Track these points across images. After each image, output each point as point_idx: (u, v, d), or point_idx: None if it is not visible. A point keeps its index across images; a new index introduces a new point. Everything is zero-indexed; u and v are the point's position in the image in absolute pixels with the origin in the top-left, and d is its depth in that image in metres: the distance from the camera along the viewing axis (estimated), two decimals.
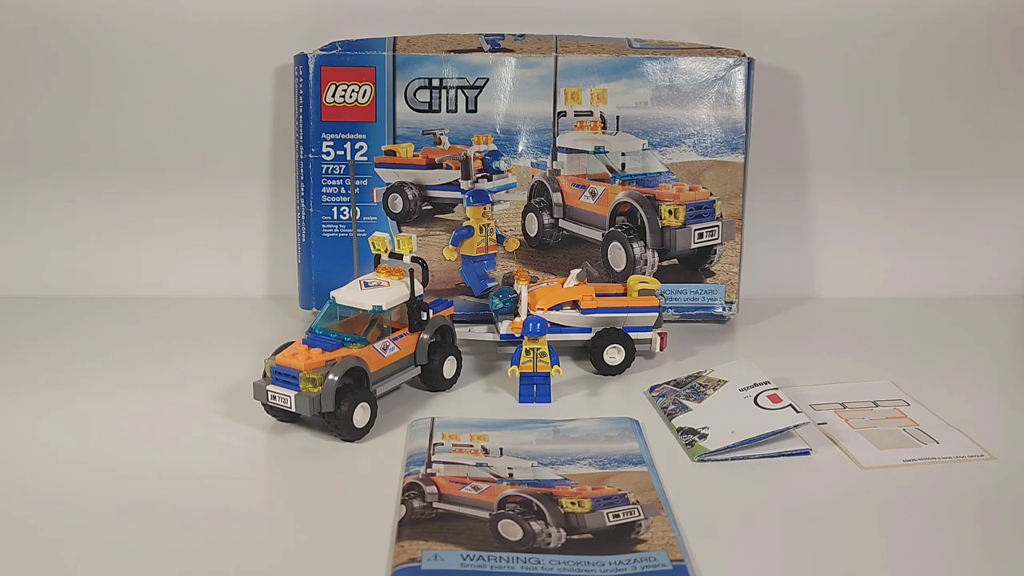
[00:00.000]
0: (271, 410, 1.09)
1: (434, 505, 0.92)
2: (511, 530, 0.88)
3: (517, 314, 1.22)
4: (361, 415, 1.06)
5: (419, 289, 1.16)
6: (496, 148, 1.36)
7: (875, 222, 1.52)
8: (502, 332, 1.23)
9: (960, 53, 1.46)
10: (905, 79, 1.47)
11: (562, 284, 1.26)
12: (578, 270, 1.26)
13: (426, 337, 1.16)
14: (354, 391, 1.06)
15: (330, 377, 1.04)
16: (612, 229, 1.35)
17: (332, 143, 1.34)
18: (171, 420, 1.10)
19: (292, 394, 1.04)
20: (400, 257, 1.18)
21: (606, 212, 1.35)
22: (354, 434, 1.06)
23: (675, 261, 1.38)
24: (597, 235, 1.37)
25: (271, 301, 1.49)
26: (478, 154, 1.35)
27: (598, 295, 1.25)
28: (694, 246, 1.34)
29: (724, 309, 1.39)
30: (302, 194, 1.36)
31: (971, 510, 0.94)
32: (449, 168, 1.35)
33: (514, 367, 1.15)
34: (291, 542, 0.88)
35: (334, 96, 1.33)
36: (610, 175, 1.36)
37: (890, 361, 1.29)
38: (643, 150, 1.35)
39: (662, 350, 1.27)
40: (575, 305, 1.24)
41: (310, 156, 1.35)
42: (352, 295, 1.13)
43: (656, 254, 1.35)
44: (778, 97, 1.45)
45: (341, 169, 1.35)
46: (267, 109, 1.44)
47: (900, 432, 1.09)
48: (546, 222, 1.37)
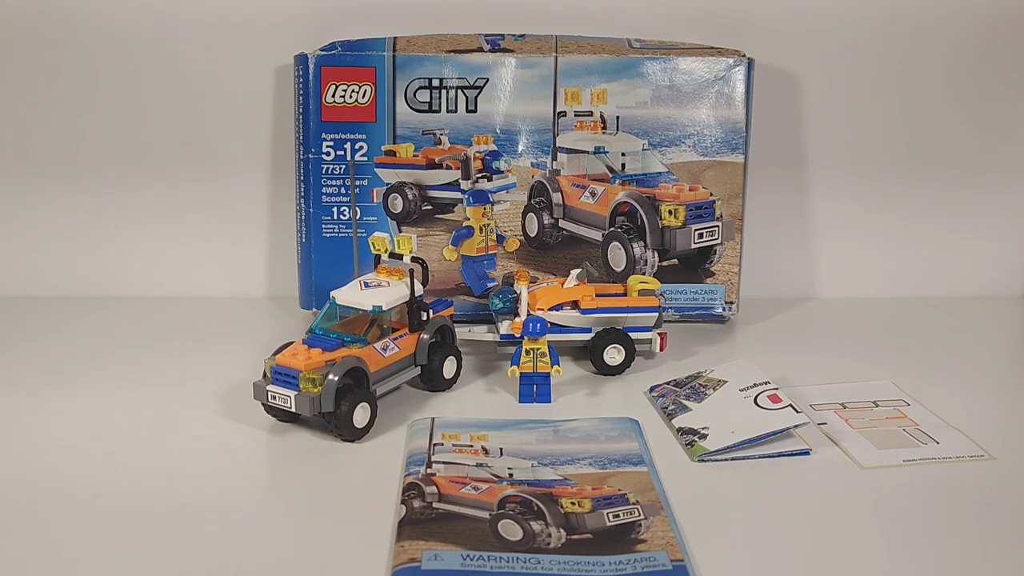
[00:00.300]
0: (271, 410, 1.09)
1: (434, 505, 0.92)
2: (511, 530, 0.88)
3: (517, 314, 1.22)
4: (361, 415, 1.06)
5: (419, 289, 1.16)
6: (496, 148, 1.36)
7: (875, 222, 1.52)
8: (502, 332, 1.23)
9: (961, 52, 1.46)
10: (905, 79, 1.47)
11: (562, 284, 1.26)
12: (578, 270, 1.26)
13: (426, 337, 1.16)
14: (354, 391, 1.06)
15: (330, 377, 1.04)
16: (612, 229, 1.35)
17: (332, 143, 1.34)
18: (171, 420, 1.10)
19: (292, 394, 1.04)
20: (400, 257, 1.18)
21: (606, 212, 1.35)
22: (354, 434, 1.06)
23: (675, 261, 1.38)
24: (597, 235, 1.37)
25: (271, 301, 1.49)
26: (478, 154, 1.35)
27: (598, 295, 1.25)
28: (694, 246, 1.34)
29: (724, 309, 1.39)
30: (302, 194, 1.36)
31: (971, 510, 0.94)
32: (449, 168, 1.35)
33: (514, 367, 1.15)
34: (291, 542, 0.88)
35: (334, 96, 1.33)
36: (610, 175, 1.36)
37: (890, 361, 1.29)
38: (643, 150, 1.35)
39: (662, 350, 1.27)
40: (575, 305, 1.24)
41: (310, 156, 1.35)
42: (352, 295, 1.13)
43: (656, 254, 1.35)
44: (778, 97, 1.45)
45: (341, 169, 1.35)
46: (267, 109, 1.44)
47: (900, 432, 1.09)
48: (546, 222, 1.38)
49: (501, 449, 1.03)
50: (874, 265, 1.54)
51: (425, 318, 1.16)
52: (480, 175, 1.36)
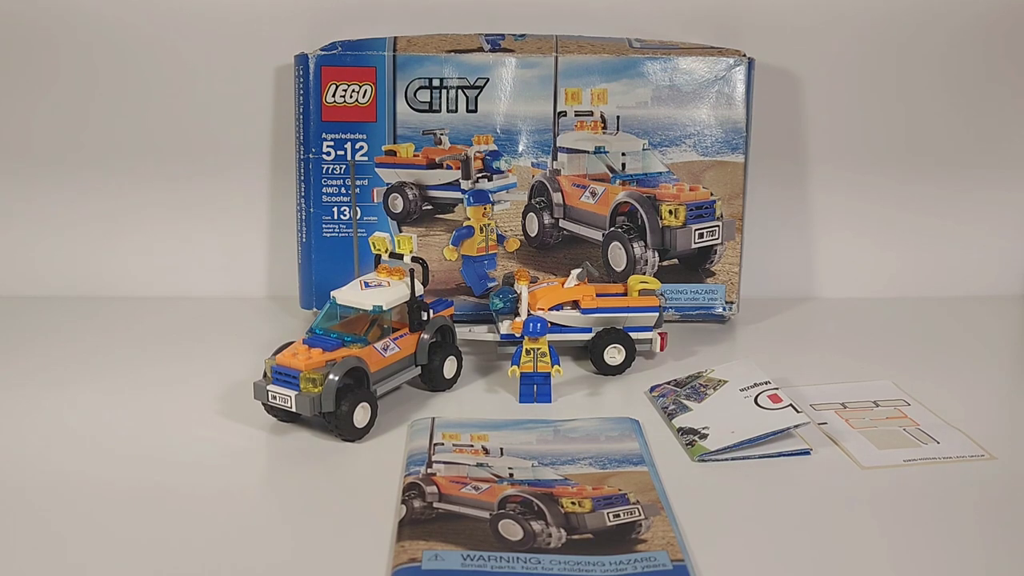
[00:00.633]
0: (271, 410, 1.09)
1: (434, 505, 0.92)
2: (511, 530, 0.88)
3: (517, 314, 1.22)
4: (361, 415, 1.06)
5: (419, 289, 1.16)
6: (496, 148, 1.36)
7: (876, 221, 1.52)
8: (502, 332, 1.23)
9: (962, 50, 1.46)
10: (907, 80, 1.47)
11: (562, 284, 1.26)
12: (578, 270, 1.26)
13: (426, 337, 1.16)
14: (354, 391, 1.06)
15: (330, 377, 1.04)
16: (612, 229, 1.35)
17: (332, 143, 1.34)
18: (171, 420, 1.10)
19: (292, 394, 1.04)
20: (400, 257, 1.18)
21: (606, 212, 1.35)
22: (354, 434, 1.06)
23: (675, 261, 1.38)
24: (597, 235, 1.37)
25: (271, 301, 1.49)
26: (478, 154, 1.35)
27: (598, 295, 1.25)
28: (694, 246, 1.34)
29: (724, 309, 1.39)
30: (302, 194, 1.36)
31: (971, 510, 0.94)
32: (449, 168, 1.35)
33: (514, 367, 1.15)
34: (291, 542, 0.88)
35: (334, 96, 1.33)
36: (610, 175, 1.36)
37: (890, 361, 1.29)
38: (643, 150, 1.35)
39: (662, 350, 1.27)
40: (575, 305, 1.24)
41: (310, 156, 1.35)
42: (352, 295, 1.13)
43: (656, 254, 1.35)
44: (778, 97, 1.45)
45: (341, 169, 1.35)
46: (267, 109, 1.44)
47: (900, 432, 1.09)
48: (546, 222, 1.37)
49: (501, 449, 1.03)
50: (874, 265, 1.54)
51: (425, 318, 1.16)
52: (480, 175, 1.36)
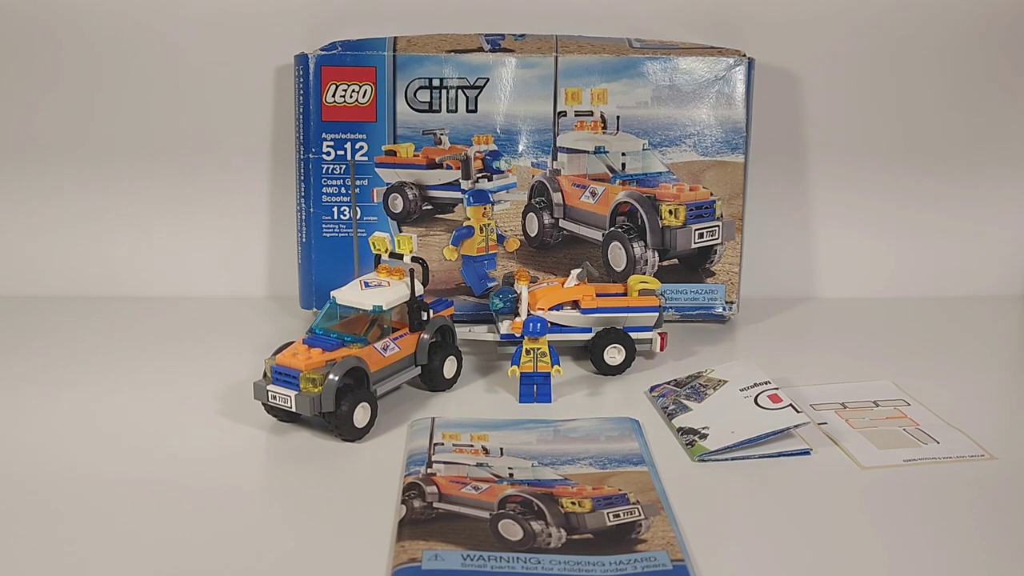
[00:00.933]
0: (271, 410, 1.09)
1: (434, 505, 0.92)
2: (511, 530, 0.88)
3: (517, 314, 1.22)
4: (361, 415, 1.06)
5: (419, 289, 1.16)
6: (496, 148, 1.36)
7: (876, 221, 1.52)
8: (502, 332, 1.23)
9: (962, 50, 1.46)
10: (907, 80, 1.47)
11: (562, 284, 1.26)
12: (578, 270, 1.26)
13: (426, 337, 1.16)
14: (354, 391, 1.06)
15: (330, 377, 1.04)
16: (612, 229, 1.35)
17: (332, 143, 1.34)
18: (171, 420, 1.10)
19: (292, 394, 1.04)
20: (400, 257, 1.18)
21: (606, 212, 1.35)
22: (354, 434, 1.06)
23: (675, 261, 1.38)
24: (597, 235, 1.37)
25: (271, 301, 1.49)
26: (478, 154, 1.35)
27: (598, 295, 1.25)
28: (694, 246, 1.34)
29: (724, 309, 1.39)
30: (302, 194, 1.36)
31: (971, 510, 0.94)
32: (449, 168, 1.35)
33: (514, 367, 1.15)
34: (291, 542, 0.88)
35: (334, 96, 1.33)
36: (610, 175, 1.36)
37: (890, 361, 1.29)
38: (643, 150, 1.35)
39: (662, 350, 1.27)
40: (575, 305, 1.24)
41: (310, 156, 1.35)
42: (352, 295, 1.13)
43: (656, 254, 1.35)
44: (778, 97, 1.45)
45: (341, 169, 1.35)
46: (267, 109, 1.44)
47: (900, 432, 1.09)
48: (546, 222, 1.37)
49: (501, 449, 1.03)
50: (874, 265, 1.54)
51: (425, 318, 1.16)
52: (480, 175, 1.36)
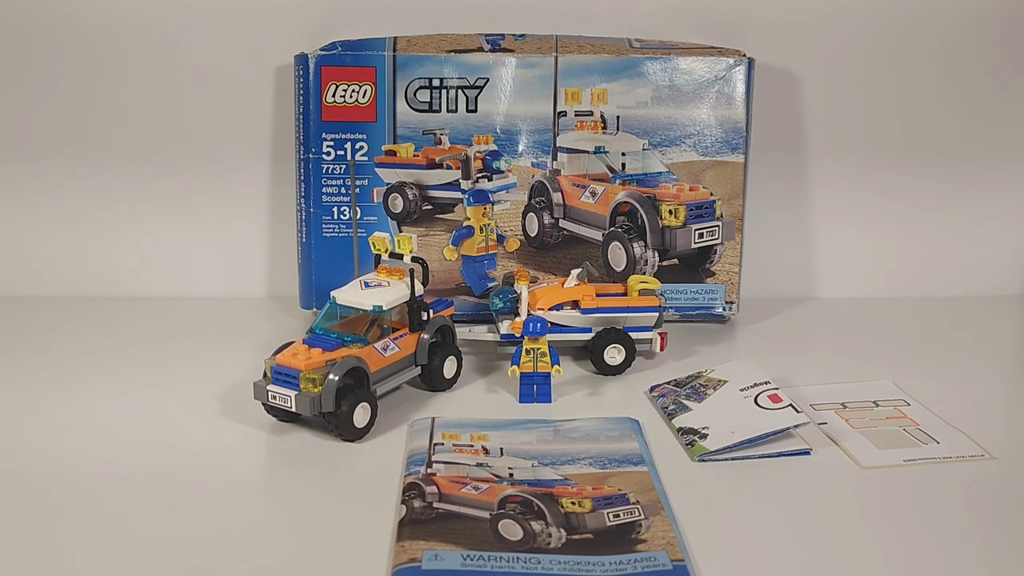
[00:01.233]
0: (271, 410, 1.09)
1: (434, 505, 0.92)
2: (511, 530, 0.88)
3: (517, 314, 1.22)
4: (361, 415, 1.06)
5: (419, 289, 1.16)
6: (496, 148, 1.36)
7: (875, 222, 1.52)
8: (502, 332, 1.23)
9: (964, 50, 1.46)
10: (908, 81, 1.47)
11: (562, 284, 1.26)
12: (578, 270, 1.26)
13: (426, 337, 1.16)
14: (354, 391, 1.06)
15: (330, 377, 1.04)
16: (612, 229, 1.35)
17: (332, 143, 1.34)
18: (171, 420, 1.10)
19: (292, 394, 1.04)
20: (400, 257, 1.18)
21: (606, 212, 1.35)
22: (354, 434, 1.06)
23: (675, 261, 1.38)
24: (597, 235, 1.37)
25: (271, 301, 1.49)
26: (478, 154, 1.35)
27: (598, 295, 1.25)
28: (694, 246, 1.34)
29: (724, 309, 1.39)
30: (302, 194, 1.36)
31: (971, 510, 0.94)
32: (449, 168, 1.35)
33: (514, 367, 1.15)
34: (291, 542, 0.88)
35: (334, 96, 1.33)
36: (610, 175, 1.36)
37: (890, 361, 1.29)
38: (643, 150, 1.35)
39: (662, 350, 1.27)
40: (575, 305, 1.24)
41: (310, 156, 1.35)
42: (352, 295, 1.13)
43: (656, 254, 1.35)
44: (778, 97, 1.45)
45: (341, 169, 1.35)
46: (267, 109, 1.44)
47: (900, 432, 1.09)
48: (546, 222, 1.37)
49: (501, 449, 1.03)
50: (874, 265, 1.54)
51: (425, 318, 1.16)
52: (480, 175, 1.36)
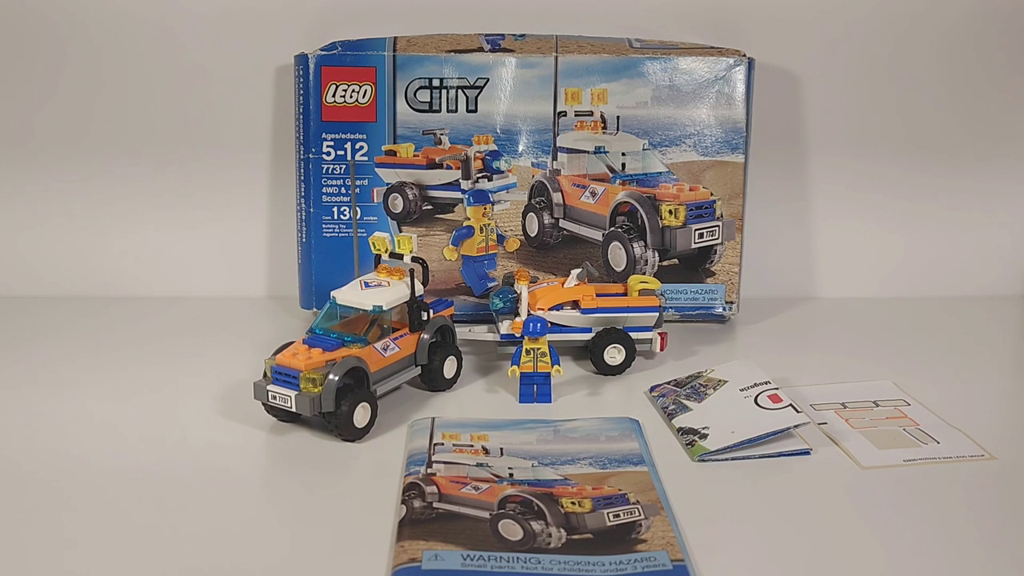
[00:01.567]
0: (271, 410, 1.09)
1: (434, 505, 0.92)
2: (511, 530, 0.88)
3: (517, 314, 1.22)
4: (361, 415, 1.06)
5: (419, 289, 1.16)
6: (496, 148, 1.36)
7: (875, 222, 1.52)
8: (502, 332, 1.23)
9: (964, 48, 1.46)
10: (908, 81, 1.47)
11: (562, 284, 1.26)
12: (578, 270, 1.26)
13: (426, 337, 1.16)
14: (354, 391, 1.06)
15: (330, 377, 1.04)
16: (612, 229, 1.35)
17: (332, 143, 1.34)
18: (171, 420, 1.10)
19: (292, 394, 1.04)
20: (400, 257, 1.18)
21: (606, 212, 1.35)
22: (354, 434, 1.06)
23: (675, 261, 1.38)
24: (597, 235, 1.37)
25: (271, 301, 1.49)
26: (478, 154, 1.35)
27: (598, 295, 1.25)
28: (694, 246, 1.34)
29: (724, 309, 1.39)
30: (302, 194, 1.36)
31: (971, 510, 0.94)
32: (449, 168, 1.35)
33: (514, 367, 1.15)
34: (291, 542, 0.88)
35: (334, 96, 1.33)
36: (610, 175, 1.36)
37: (890, 361, 1.29)
38: (643, 150, 1.35)
39: (662, 350, 1.27)
40: (575, 305, 1.24)
41: (310, 156, 1.35)
42: (352, 295, 1.13)
43: (656, 254, 1.35)
44: (778, 97, 1.45)
45: (341, 169, 1.35)
46: (267, 109, 1.44)
47: (900, 432, 1.09)
48: (546, 222, 1.37)
49: (501, 449, 1.03)
50: (874, 265, 1.54)
51: (425, 318, 1.16)
52: (480, 175, 1.36)
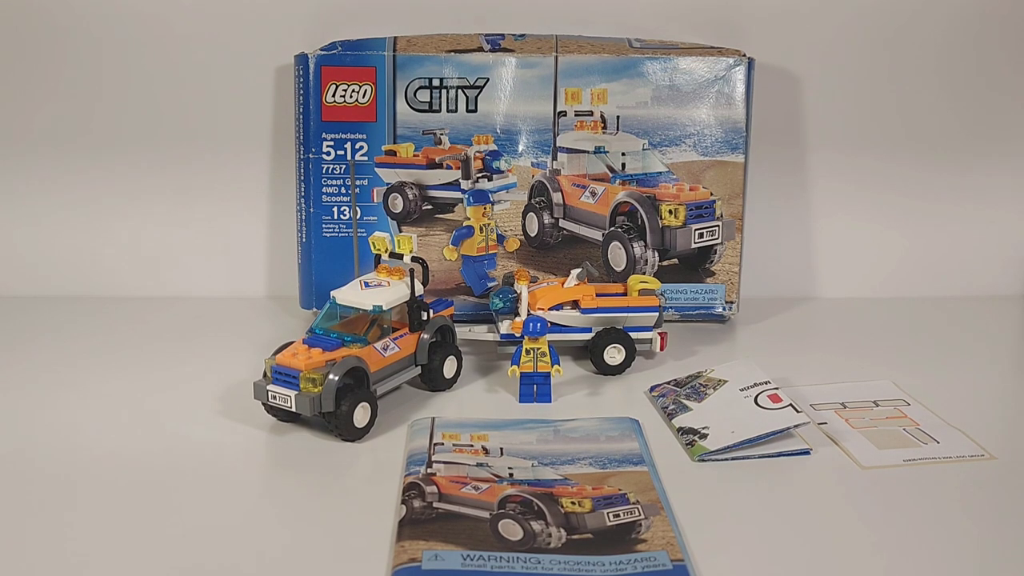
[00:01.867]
0: (271, 410, 1.09)
1: (434, 505, 0.92)
2: (511, 530, 0.88)
3: (517, 314, 1.22)
4: (361, 415, 1.06)
5: (419, 289, 1.16)
6: (496, 148, 1.36)
7: (875, 222, 1.52)
8: (502, 332, 1.23)
9: (963, 48, 1.46)
10: (908, 81, 1.47)
11: (562, 284, 1.26)
12: (578, 270, 1.26)
13: (426, 337, 1.16)
14: (354, 391, 1.06)
15: (330, 377, 1.04)
16: (612, 229, 1.35)
17: (332, 143, 1.34)
18: (171, 420, 1.10)
19: (292, 394, 1.04)
20: (400, 257, 1.18)
21: (606, 212, 1.35)
22: (354, 434, 1.06)
23: (675, 261, 1.38)
24: (597, 235, 1.37)
25: (271, 301, 1.49)
26: (478, 154, 1.35)
27: (598, 295, 1.25)
28: (694, 246, 1.34)
29: (724, 309, 1.39)
30: (302, 194, 1.36)
31: (971, 510, 0.94)
32: (449, 168, 1.35)
33: (514, 367, 1.15)
34: (291, 542, 0.88)
35: (334, 96, 1.33)
36: (610, 175, 1.36)
37: (890, 361, 1.29)
38: (643, 150, 1.35)
39: (662, 350, 1.27)
40: (575, 305, 1.24)
41: (310, 156, 1.35)
42: (352, 295, 1.13)
43: (656, 254, 1.35)
44: (778, 97, 1.45)
45: (341, 169, 1.35)
46: (267, 109, 1.44)
47: (900, 432, 1.09)
48: (546, 222, 1.37)
49: (501, 449, 1.03)
50: (874, 265, 1.54)
51: (425, 318, 1.16)
52: (480, 175, 1.36)
